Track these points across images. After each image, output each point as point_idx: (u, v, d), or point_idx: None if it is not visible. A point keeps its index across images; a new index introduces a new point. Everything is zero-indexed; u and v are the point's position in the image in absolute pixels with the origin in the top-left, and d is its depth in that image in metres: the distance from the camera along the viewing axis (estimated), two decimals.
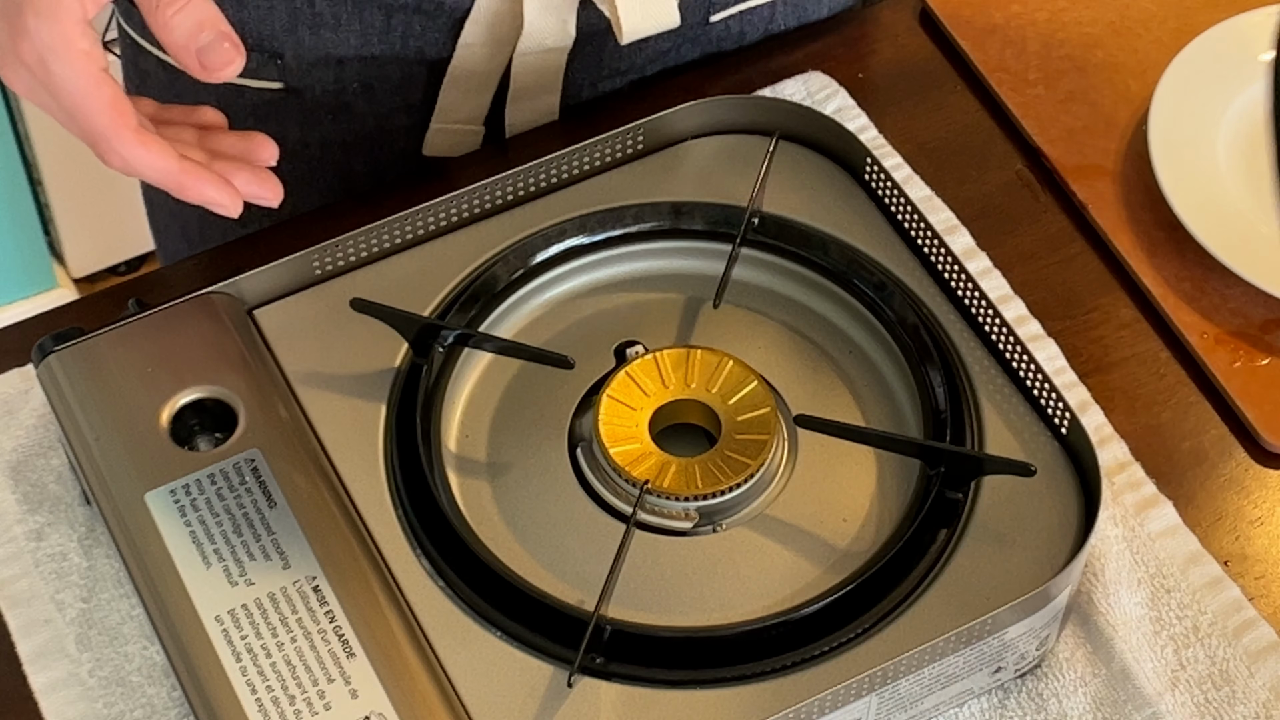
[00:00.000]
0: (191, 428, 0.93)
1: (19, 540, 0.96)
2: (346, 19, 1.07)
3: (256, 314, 0.97)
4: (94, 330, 0.95)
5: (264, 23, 1.07)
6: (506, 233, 1.00)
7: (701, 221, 1.01)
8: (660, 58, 1.14)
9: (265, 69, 1.10)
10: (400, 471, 0.92)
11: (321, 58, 1.09)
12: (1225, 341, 1.03)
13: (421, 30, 1.07)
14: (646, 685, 0.86)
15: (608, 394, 0.94)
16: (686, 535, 0.92)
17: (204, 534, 0.89)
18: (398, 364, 0.95)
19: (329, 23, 1.07)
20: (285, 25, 1.07)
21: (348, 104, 1.12)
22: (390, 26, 1.07)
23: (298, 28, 1.07)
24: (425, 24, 1.07)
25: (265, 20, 1.07)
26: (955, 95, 1.14)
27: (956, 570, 0.89)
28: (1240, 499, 0.99)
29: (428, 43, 1.08)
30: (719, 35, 1.14)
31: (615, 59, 1.13)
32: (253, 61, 1.09)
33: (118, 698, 0.91)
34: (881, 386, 0.97)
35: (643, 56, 1.13)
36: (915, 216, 0.99)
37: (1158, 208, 1.07)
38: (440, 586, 0.89)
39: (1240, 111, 1.11)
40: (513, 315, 0.99)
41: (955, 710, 0.91)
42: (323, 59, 1.09)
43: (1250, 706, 0.92)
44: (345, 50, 1.08)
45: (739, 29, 1.15)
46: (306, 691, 0.85)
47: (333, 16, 1.06)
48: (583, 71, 1.12)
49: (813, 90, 1.13)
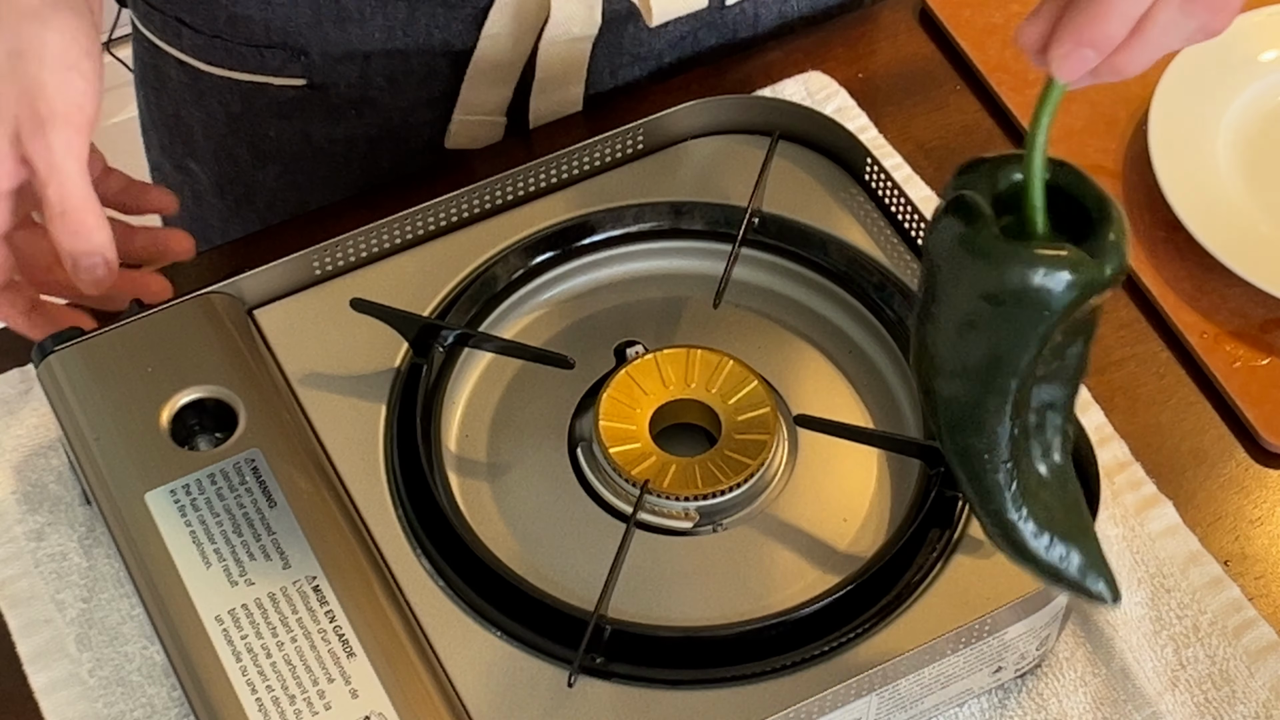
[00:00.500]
0: (191, 428, 0.93)
1: (19, 540, 0.96)
2: (370, 13, 1.07)
3: (256, 314, 0.97)
4: (94, 330, 0.95)
5: (289, 20, 1.07)
6: (506, 233, 1.00)
7: (701, 221, 1.01)
8: (679, 43, 1.14)
9: (289, 66, 1.10)
10: (400, 471, 0.92)
11: (346, 53, 1.09)
12: (1225, 341, 1.03)
13: (445, 22, 1.07)
14: (646, 685, 0.86)
15: (608, 394, 0.94)
16: (686, 535, 0.92)
17: (204, 534, 0.89)
18: (398, 364, 0.95)
19: (354, 17, 1.07)
20: (310, 21, 1.07)
21: (372, 99, 1.12)
22: (414, 19, 1.07)
23: (322, 23, 1.07)
24: (449, 15, 1.07)
25: (290, 17, 1.07)
26: (955, 95, 1.14)
27: (956, 570, 0.89)
28: (1240, 499, 0.99)
29: (452, 34, 1.08)
30: (735, 19, 1.15)
31: (635, 44, 1.13)
32: (276, 59, 1.09)
33: (118, 698, 0.91)
34: (881, 386, 0.97)
35: (662, 42, 1.13)
36: (915, 216, 0.99)
37: (1158, 208, 1.07)
38: (440, 586, 0.89)
39: (1240, 111, 1.11)
40: (513, 315, 0.99)
41: (955, 710, 0.91)
42: (347, 54, 1.09)
43: (1250, 706, 0.92)
44: (370, 44, 1.08)
45: (754, 12, 1.15)
46: (307, 691, 0.85)
47: (357, 11, 1.06)
48: (604, 58, 1.12)
49: (813, 90, 1.13)
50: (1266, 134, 1.10)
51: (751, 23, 1.15)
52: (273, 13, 1.07)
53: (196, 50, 1.11)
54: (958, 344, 0.76)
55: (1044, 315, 0.74)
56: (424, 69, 1.10)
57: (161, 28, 1.13)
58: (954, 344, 0.76)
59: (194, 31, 1.10)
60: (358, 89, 1.11)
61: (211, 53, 1.11)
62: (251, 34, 1.09)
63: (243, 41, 1.09)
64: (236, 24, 1.08)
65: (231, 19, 1.08)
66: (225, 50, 1.10)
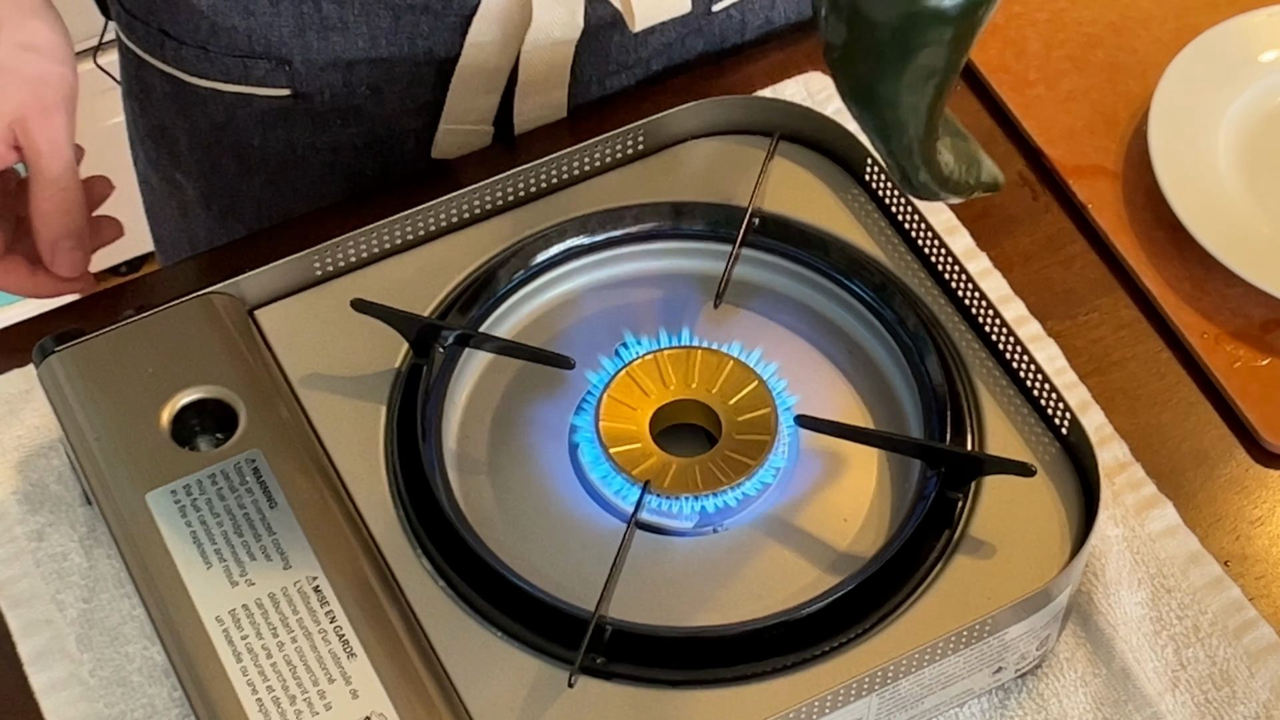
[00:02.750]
0: (192, 428, 0.93)
1: (20, 540, 0.96)
2: (354, 21, 1.06)
3: (257, 314, 0.97)
4: (94, 330, 0.95)
5: (271, 29, 1.07)
6: (507, 233, 1.00)
7: (702, 222, 1.01)
8: (665, 50, 1.14)
9: (273, 76, 1.09)
10: (400, 471, 0.92)
11: (330, 61, 1.09)
12: (1225, 341, 1.03)
13: (430, 30, 1.07)
14: (647, 685, 0.86)
15: (608, 394, 0.94)
16: (687, 535, 0.92)
17: (204, 534, 0.89)
18: (398, 364, 0.95)
19: (336, 26, 1.07)
20: (293, 30, 1.07)
21: (357, 107, 1.12)
22: (398, 27, 1.07)
23: (305, 32, 1.07)
24: (433, 23, 1.07)
25: (272, 26, 1.07)
26: (955, 95, 1.14)
27: (957, 570, 0.89)
28: (1240, 499, 0.99)
29: (436, 42, 1.08)
30: (721, 25, 1.15)
31: (621, 52, 1.13)
32: (260, 69, 1.09)
33: (118, 698, 0.91)
34: (882, 386, 0.97)
35: (648, 49, 1.13)
36: (915, 216, 0.99)
37: (1158, 208, 1.07)
38: (440, 586, 0.89)
39: (1240, 111, 1.11)
40: (513, 315, 0.99)
41: (956, 710, 0.91)
42: (331, 63, 1.09)
43: (1250, 706, 0.92)
44: (354, 53, 1.08)
45: (740, 18, 1.15)
46: (307, 691, 0.85)
47: (340, 20, 1.06)
48: (590, 66, 1.12)
49: (813, 90, 1.13)
50: (1266, 134, 1.11)
51: (739, 29, 1.15)
52: (255, 22, 1.07)
53: (180, 61, 1.11)
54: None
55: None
56: (409, 77, 1.10)
57: (145, 39, 1.12)
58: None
59: (177, 42, 1.10)
60: (343, 98, 1.11)
61: (195, 64, 1.11)
62: (234, 44, 1.08)
63: (226, 52, 1.09)
64: (219, 34, 1.08)
65: (213, 29, 1.08)
66: (209, 61, 1.10)
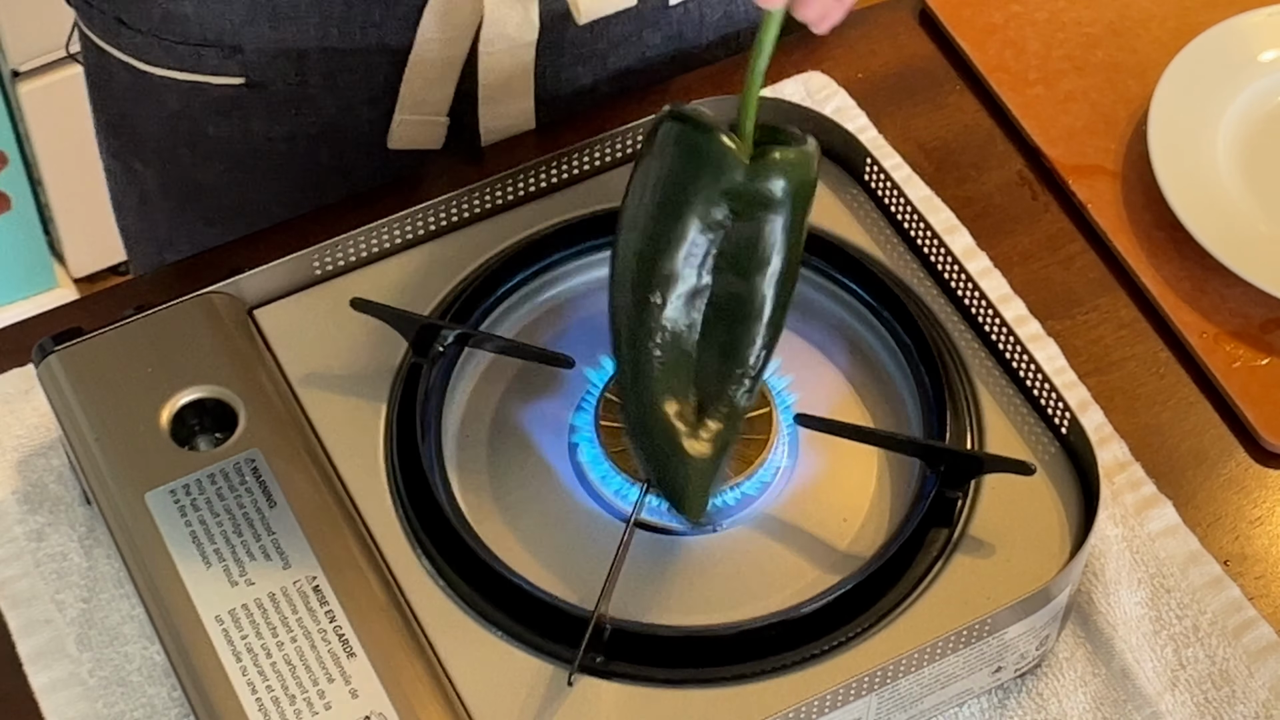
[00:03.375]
0: (191, 428, 0.93)
1: (19, 540, 0.96)
2: (306, 9, 1.06)
3: (256, 314, 0.97)
4: (94, 330, 0.95)
5: (222, 17, 1.06)
6: (507, 232, 1.00)
7: None
8: (624, 41, 1.13)
9: (226, 65, 1.09)
10: (400, 471, 0.92)
11: (282, 50, 1.08)
12: (1225, 341, 1.03)
13: (381, 19, 1.07)
14: (646, 684, 0.86)
15: (608, 393, 0.94)
16: (687, 535, 0.92)
17: (204, 534, 0.89)
18: (398, 364, 0.95)
19: (288, 15, 1.06)
20: (244, 19, 1.07)
21: (311, 97, 1.11)
22: (350, 16, 1.07)
23: (257, 20, 1.07)
24: (384, 13, 1.07)
25: (223, 14, 1.06)
26: (955, 95, 1.14)
27: (956, 570, 0.89)
28: (1240, 499, 0.99)
29: (388, 31, 1.08)
30: (679, 19, 1.14)
31: (577, 44, 1.12)
32: (213, 58, 1.09)
33: (118, 698, 0.91)
34: (881, 386, 0.97)
35: (605, 42, 1.13)
36: (915, 216, 0.99)
37: (1158, 208, 1.07)
38: (440, 586, 0.89)
39: (1240, 111, 1.11)
40: (513, 315, 0.99)
41: (955, 710, 0.91)
42: (283, 52, 1.08)
43: (1250, 706, 0.92)
44: (306, 42, 1.08)
45: (698, 12, 1.15)
46: (307, 691, 0.85)
47: (291, 8, 1.06)
48: (546, 57, 1.11)
49: (813, 90, 1.13)
50: (1266, 134, 1.11)
51: (697, 22, 1.15)
52: (207, 10, 1.06)
53: (136, 50, 1.11)
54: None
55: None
56: (362, 67, 1.10)
57: (103, 28, 1.12)
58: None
59: (132, 31, 1.10)
60: (296, 87, 1.11)
61: (150, 52, 1.10)
62: (187, 32, 1.08)
63: (179, 40, 1.09)
64: (172, 22, 1.08)
65: (166, 17, 1.08)
66: (164, 49, 1.10)
